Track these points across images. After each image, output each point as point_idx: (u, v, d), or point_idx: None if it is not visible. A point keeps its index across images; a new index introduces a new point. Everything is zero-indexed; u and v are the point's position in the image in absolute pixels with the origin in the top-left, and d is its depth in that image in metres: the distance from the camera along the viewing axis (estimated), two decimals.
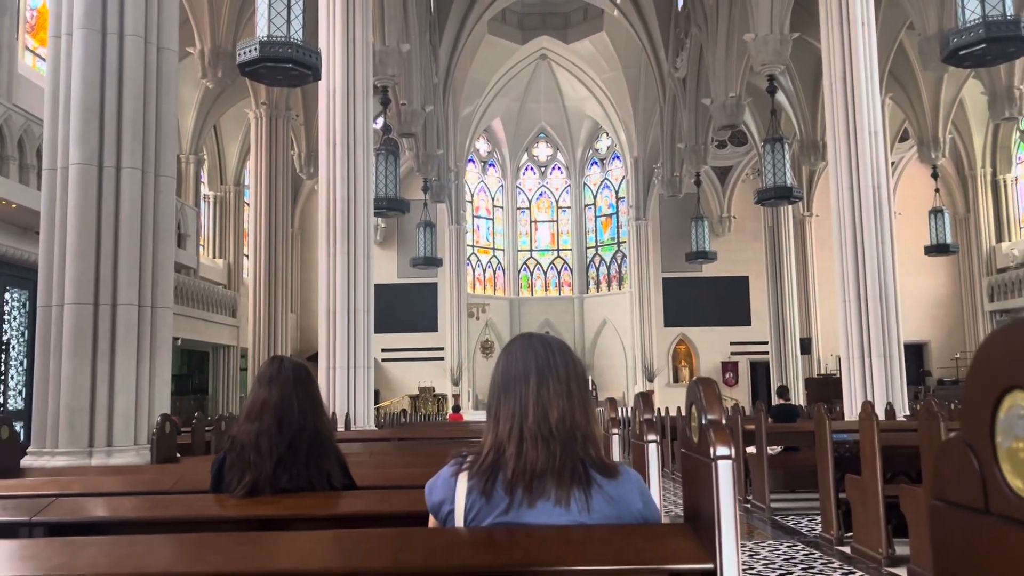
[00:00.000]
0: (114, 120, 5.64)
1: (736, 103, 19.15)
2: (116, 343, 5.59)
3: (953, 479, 0.67)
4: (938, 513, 0.69)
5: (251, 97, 18.87)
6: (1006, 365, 0.59)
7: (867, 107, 11.32)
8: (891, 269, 11.20)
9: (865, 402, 6.42)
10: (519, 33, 28.70)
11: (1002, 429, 0.61)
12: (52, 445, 5.46)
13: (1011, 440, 0.60)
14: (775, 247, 25.53)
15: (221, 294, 22.60)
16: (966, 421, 0.65)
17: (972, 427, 0.64)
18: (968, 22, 9.72)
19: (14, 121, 10.65)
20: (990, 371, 0.61)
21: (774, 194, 17.59)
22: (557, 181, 33.31)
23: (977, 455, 0.63)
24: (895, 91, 20.79)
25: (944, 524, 0.68)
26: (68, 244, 5.52)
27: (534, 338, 1.78)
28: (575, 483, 1.64)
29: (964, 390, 0.68)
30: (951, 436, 0.69)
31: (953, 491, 0.67)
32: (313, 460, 2.54)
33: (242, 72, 9.55)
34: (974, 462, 0.64)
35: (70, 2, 5.71)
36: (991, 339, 0.62)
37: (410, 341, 28.05)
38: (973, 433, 0.64)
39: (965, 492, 0.65)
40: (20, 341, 12.48)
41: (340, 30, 11.90)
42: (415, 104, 19.91)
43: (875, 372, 11.05)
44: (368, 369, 11.82)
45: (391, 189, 17.10)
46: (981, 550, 0.62)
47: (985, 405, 0.61)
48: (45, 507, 2.44)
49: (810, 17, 16.27)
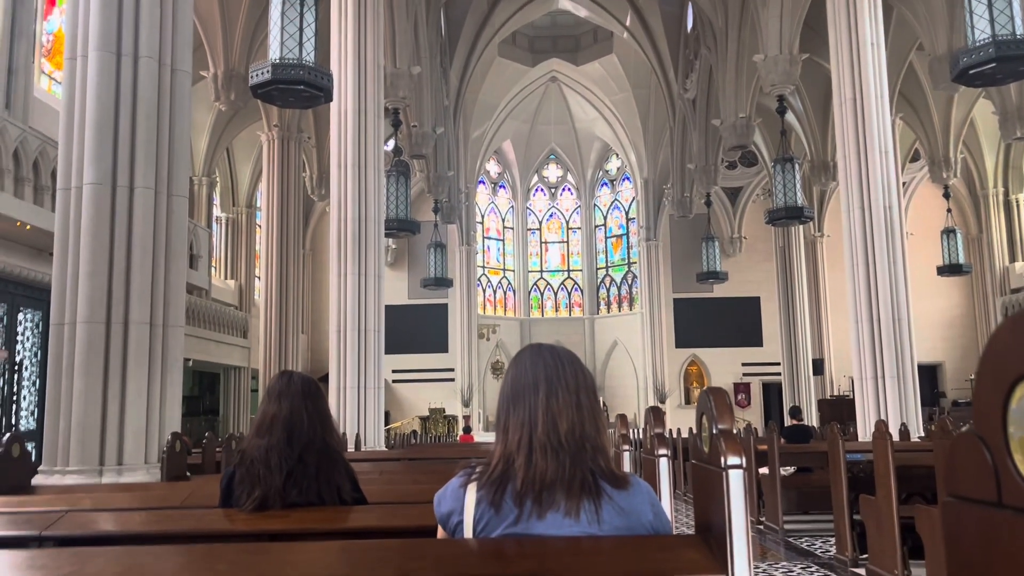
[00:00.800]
0: (128, 140, 5.69)
1: (746, 124, 19.19)
2: (128, 362, 5.60)
3: (966, 474, 0.66)
4: (951, 509, 0.68)
5: (263, 119, 19.04)
6: (1016, 355, 0.58)
7: (877, 127, 11.31)
8: (903, 289, 11.14)
9: (878, 421, 6.37)
10: (529, 56, 28.90)
11: (1014, 420, 0.60)
12: (63, 463, 5.46)
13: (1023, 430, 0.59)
14: (786, 267, 25.45)
15: (232, 315, 22.68)
16: (977, 414, 0.64)
17: (984, 420, 0.63)
18: (978, 41, 9.73)
19: (30, 143, 10.77)
20: (1000, 362, 0.60)
21: (785, 214, 17.58)
22: (567, 202, 33.38)
23: (989, 448, 0.62)
24: (905, 111, 20.79)
25: (957, 520, 0.67)
26: (81, 263, 5.56)
27: (543, 348, 1.78)
28: (585, 494, 1.62)
29: (975, 383, 0.67)
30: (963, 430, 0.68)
31: (966, 486, 0.66)
32: (323, 474, 2.53)
33: (254, 94, 9.65)
34: (987, 455, 0.63)
35: (86, 25, 5.78)
36: (1000, 330, 0.61)
37: (420, 362, 28.05)
38: (985, 426, 0.63)
39: (978, 486, 0.64)
40: (33, 361, 12.54)
41: (352, 53, 12.01)
42: (426, 126, 20.03)
43: (889, 393, 10.96)
44: (378, 389, 11.82)
45: (402, 210, 17.18)
46: (995, 543, 0.61)
47: (996, 397, 0.61)
48: (55, 521, 2.44)
49: (819, 38, 16.33)
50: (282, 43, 9.16)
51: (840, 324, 22.44)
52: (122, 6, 5.80)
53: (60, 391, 5.57)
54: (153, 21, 5.85)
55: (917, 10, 16.55)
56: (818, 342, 26.45)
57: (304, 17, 9.30)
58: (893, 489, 5.96)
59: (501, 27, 24.53)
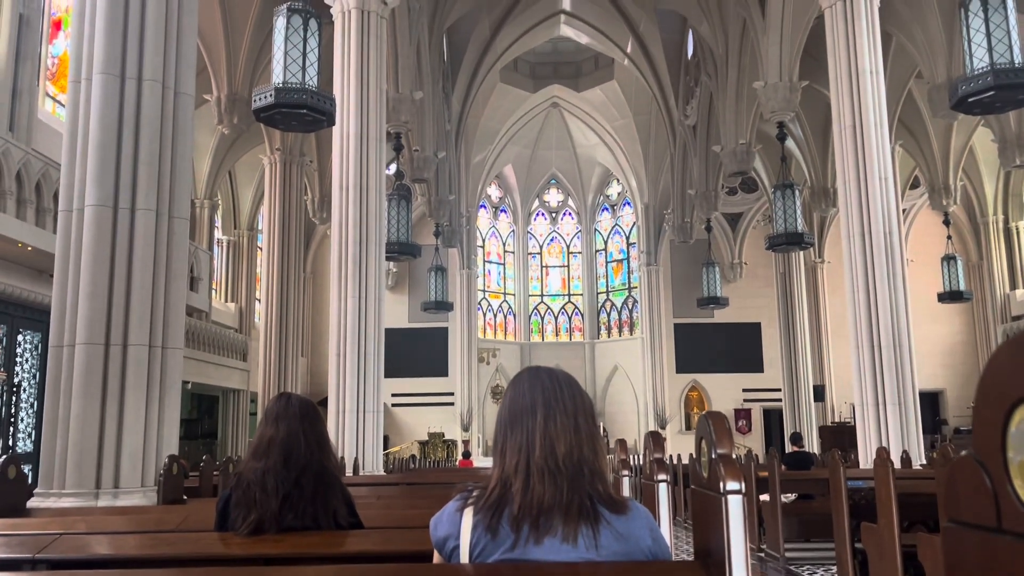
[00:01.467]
0: (130, 162, 5.72)
1: (746, 150, 19.28)
2: (126, 384, 5.59)
3: (965, 498, 0.66)
4: (950, 535, 0.67)
5: (266, 143, 19.13)
6: (1015, 378, 0.58)
7: (877, 154, 11.35)
8: (904, 315, 11.12)
9: (880, 448, 6.33)
10: (531, 82, 29.11)
11: (1013, 444, 0.59)
12: (59, 486, 5.43)
13: (1023, 454, 0.58)
14: (787, 293, 25.46)
15: (232, 338, 22.65)
16: (977, 438, 0.64)
17: (983, 443, 0.62)
18: (976, 70, 9.79)
19: (32, 165, 10.82)
20: (999, 385, 0.60)
21: (785, 240, 17.60)
22: (568, 226, 33.46)
23: (989, 472, 0.62)
24: (905, 138, 20.90)
25: (957, 546, 0.66)
26: (81, 284, 5.56)
27: (541, 371, 1.77)
28: (583, 519, 1.61)
29: (974, 406, 0.67)
30: (962, 455, 0.67)
31: (965, 511, 0.66)
32: (319, 498, 2.51)
33: (257, 118, 9.69)
34: (986, 480, 0.62)
35: (91, 47, 5.83)
36: (999, 353, 0.61)
37: (420, 386, 27.97)
38: (984, 450, 0.62)
39: (978, 511, 0.63)
40: (31, 384, 12.51)
41: (354, 77, 12.09)
42: (428, 150, 20.12)
43: (890, 420, 10.91)
44: (377, 413, 11.76)
45: (403, 234, 17.21)
46: (995, 569, 0.60)
47: (995, 420, 0.60)
48: (49, 544, 2.42)
49: (819, 66, 16.45)
50: (285, 67, 9.22)
51: (841, 350, 22.39)
52: (127, 29, 5.85)
53: (58, 413, 5.55)
54: (157, 44, 5.89)
55: (916, 38, 16.69)
56: (819, 368, 26.39)
57: (307, 42, 9.37)
58: (895, 517, 5.91)
59: (503, 53, 24.73)
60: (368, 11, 12.34)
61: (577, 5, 24.12)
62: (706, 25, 19.96)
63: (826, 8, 11.96)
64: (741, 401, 28.62)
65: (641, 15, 23.12)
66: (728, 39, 19.13)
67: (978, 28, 9.92)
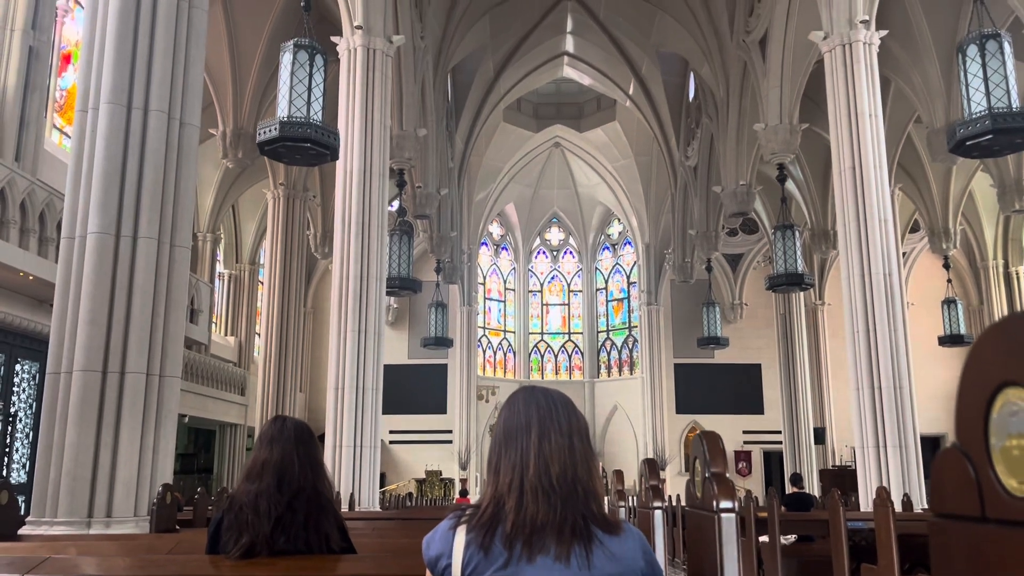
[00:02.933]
0: (134, 190, 5.76)
1: (746, 191, 19.40)
2: (122, 412, 5.56)
3: (950, 491, 0.66)
4: (937, 529, 0.67)
5: (270, 177, 19.27)
6: (997, 361, 0.58)
7: (876, 197, 11.40)
8: (904, 357, 11.09)
9: (880, 488, 6.27)
10: (534, 121, 29.41)
11: (995, 430, 0.59)
12: (51, 514, 5.38)
13: (1004, 439, 0.58)
14: (787, 335, 25.42)
15: (231, 372, 22.58)
16: (959, 426, 0.64)
17: (966, 432, 0.62)
18: (974, 114, 9.91)
19: (37, 195, 10.89)
20: (981, 371, 0.60)
21: (785, 280, 17.62)
22: (569, 265, 33.53)
23: (972, 461, 0.62)
24: (904, 182, 21.03)
25: (943, 539, 0.66)
26: (81, 311, 5.57)
27: (536, 390, 1.77)
28: (576, 538, 1.59)
29: (957, 396, 0.67)
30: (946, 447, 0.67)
31: (951, 503, 0.66)
32: (312, 522, 2.49)
33: (262, 151, 9.79)
34: (969, 469, 0.62)
35: (99, 77, 5.91)
36: (981, 339, 0.61)
37: (418, 423, 27.81)
38: (967, 439, 0.62)
39: (962, 502, 0.63)
40: (28, 413, 12.45)
41: (359, 113, 12.22)
42: (430, 187, 20.25)
43: (891, 463, 10.81)
44: (375, 449, 11.68)
45: (404, 269, 17.26)
46: (980, 558, 0.60)
47: (977, 408, 0.60)
48: (37, 565, 2.40)
49: (818, 109, 16.63)
50: (290, 102, 9.34)
51: (842, 393, 22.28)
52: (135, 60, 5.93)
53: (52, 441, 5.52)
54: (165, 75, 5.97)
55: (914, 83, 16.89)
56: (819, 411, 26.25)
57: (313, 77, 9.50)
58: (895, 559, 5.83)
59: (506, 93, 25.02)
60: (374, 49, 12.53)
61: (580, 47, 24.46)
62: (707, 68, 20.22)
63: (826, 53, 12.13)
64: (741, 443, 28.41)
65: (643, 58, 23.43)
66: (729, 82, 19.36)
67: (975, 73, 10.06)
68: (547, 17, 22.91)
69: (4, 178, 10.21)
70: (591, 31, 23.38)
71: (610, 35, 23.29)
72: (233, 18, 16.78)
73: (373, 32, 12.56)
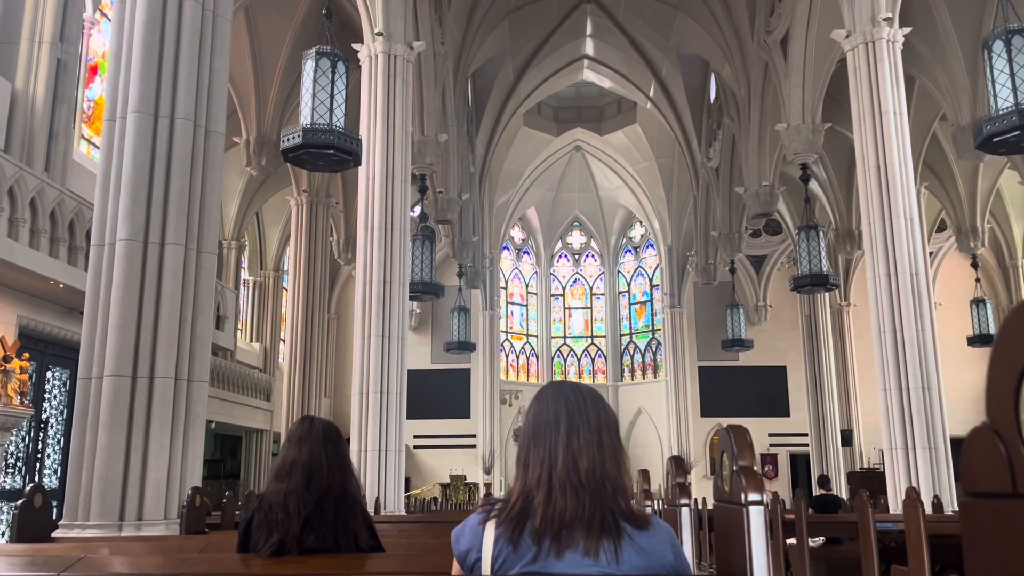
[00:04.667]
0: (161, 198, 5.85)
1: (769, 192, 19.27)
2: (151, 416, 5.64)
3: (981, 469, 0.66)
4: (967, 508, 0.67)
5: (293, 184, 19.44)
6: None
7: (902, 195, 11.29)
8: (932, 357, 10.95)
9: (909, 488, 6.20)
10: (554, 125, 29.42)
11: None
12: (83, 517, 5.46)
13: None
14: (813, 336, 25.20)
15: (256, 378, 22.77)
16: (990, 405, 0.64)
17: (996, 410, 0.63)
18: (1001, 110, 9.79)
19: (66, 204, 11.06)
20: (1012, 348, 0.60)
21: (810, 281, 17.48)
22: (591, 268, 33.47)
23: (1003, 438, 0.62)
24: (930, 180, 20.80)
25: (974, 518, 0.66)
26: (111, 316, 5.65)
27: (565, 385, 1.78)
28: (605, 533, 1.60)
29: (987, 373, 0.67)
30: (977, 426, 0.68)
31: (982, 481, 0.66)
32: (340, 520, 2.52)
33: (285, 158, 9.88)
34: (1000, 446, 0.62)
35: (126, 87, 6.00)
36: (1012, 316, 0.62)
37: (442, 428, 27.86)
38: (997, 416, 0.63)
39: (993, 479, 0.63)
40: (59, 419, 12.63)
41: (380, 120, 12.30)
42: (452, 192, 20.32)
43: (920, 464, 10.68)
44: (400, 453, 11.73)
45: (427, 274, 17.33)
46: (1012, 536, 0.60)
47: (1008, 384, 0.61)
48: (73, 564, 2.44)
49: (841, 108, 16.51)
50: (313, 109, 9.41)
51: (869, 395, 22.04)
52: (161, 70, 6.02)
53: (84, 445, 5.60)
54: (190, 84, 6.06)
55: (938, 81, 16.71)
56: (846, 413, 25.98)
57: (335, 84, 9.58)
58: (926, 560, 5.76)
59: (527, 98, 25.06)
60: (395, 56, 12.60)
61: (600, 50, 24.45)
62: (728, 69, 20.13)
63: (848, 51, 12.03)
64: (767, 446, 28.17)
65: (663, 60, 23.38)
66: (750, 82, 19.26)
67: (1002, 69, 9.93)
68: (566, 21, 22.92)
69: (34, 188, 10.38)
70: (610, 34, 23.36)
71: (630, 38, 23.26)
72: (256, 27, 16.96)
73: (394, 39, 12.64)
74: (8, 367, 10.12)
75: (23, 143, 11.11)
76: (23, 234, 10.14)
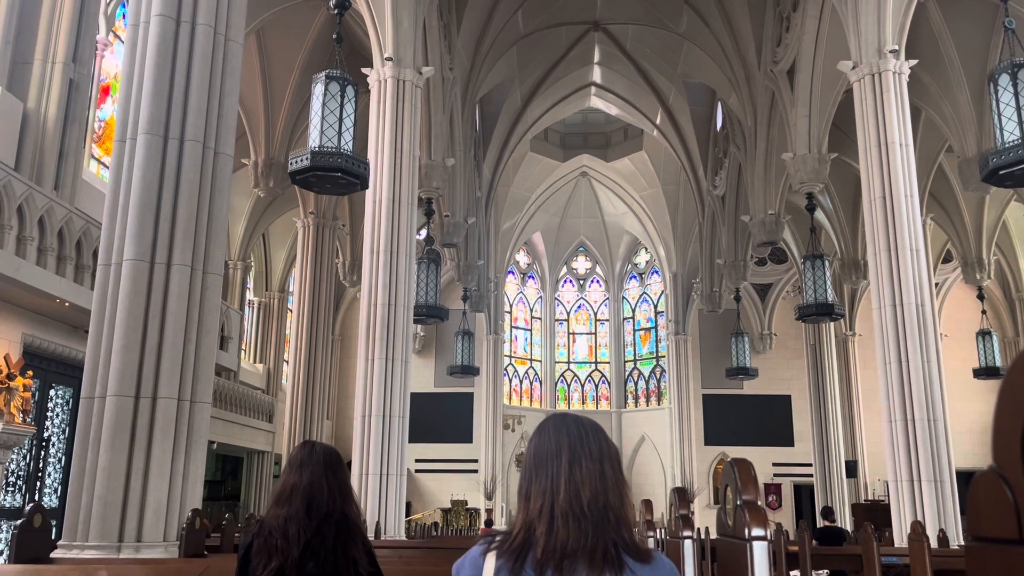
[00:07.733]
0: (169, 218, 5.88)
1: (775, 220, 19.29)
2: (153, 437, 5.63)
3: (988, 513, 0.65)
4: (973, 553, 0.66)
5: (300, 207, 19.53)
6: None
7: (908, 226, 11.30)
8: (938, 388, 10.90)
9: (914, 521, 6.16)
10: (560, 151, 29.56)
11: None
12: (82, 538, 5.43)
13: None
14: (818, 366, 25.09)
15: (259, 399, 22.73)
16: (996, 450, 0.64)
17: (1002, 455, 0.62)
18: (1007, 143, 9.82)
19: (74, 223, 11.12)
20: (1017, 394, 0.60)
21: (815, 310, 17.43)
22: (596, 294, 33.45)
23: (1009, 483, 0.62)
24: (936, 212, 20.81)
25: (980, 563, 0.65)
26: (115, 336, 5.66)
27: (567, 417, 1.77)
28: (607, 565, 1.58)
29: (994, 418, 0.67)
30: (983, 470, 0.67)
31: (988, 526, 0.65)
32: (340, 546, 2.50)
33: (293, 180, 9.92)
34: (1006, 492, 0.62)
35: (137, 109, 6.06)
36: (1018, 361, 0.61)
37: (444, 452, 27.74)
38: (1004, 461, 0.62)
39: (1000, 525, 0.63)
40: (60, 438, 12.60)
41: (388, 143, 12.39)
42: (458, 216, 20.40)
43: (926, 497, 10.58)
44: (401, 477, 11.68)
45: (431, 297, 17.34)
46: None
47: (1014, 430, 0.60)
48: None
49: (847, 138, 16.58)
50: (322, 132, 9.48)
51: (873, 425, 21.92)
52: (172, 92, 6.08)
53: (85, 465, 5.59)
54: (200, 106, 6.11)
55: (944, 113, 16.78)
56: (851, 443, 25.81)
57: (344, 108, 9.65)
58: None
59: (534, 124, 25.21)
60: (403, 80, 12.72)
61: (607, 78, 24.61)
62: (735, 98, 20.24)
63: (855, 82, 12.10)
64: (771, 476, 27.97)
65: (670, 88, 23.53)
66: (757, 111, 19.36)
67: (1008, 102, 9.98)
68: (574, 48, 23.10)
69: (43, 207, 10.45)
70: (618, 62, 23.53)
71: (637, 66, 23.43)
72: (267, 50, 17.14)
73: (403, 64, 12.76)
74: (11, 385, 10.12)
75: (33, 162, 11.19)
76: (30, 252, 10.19)
